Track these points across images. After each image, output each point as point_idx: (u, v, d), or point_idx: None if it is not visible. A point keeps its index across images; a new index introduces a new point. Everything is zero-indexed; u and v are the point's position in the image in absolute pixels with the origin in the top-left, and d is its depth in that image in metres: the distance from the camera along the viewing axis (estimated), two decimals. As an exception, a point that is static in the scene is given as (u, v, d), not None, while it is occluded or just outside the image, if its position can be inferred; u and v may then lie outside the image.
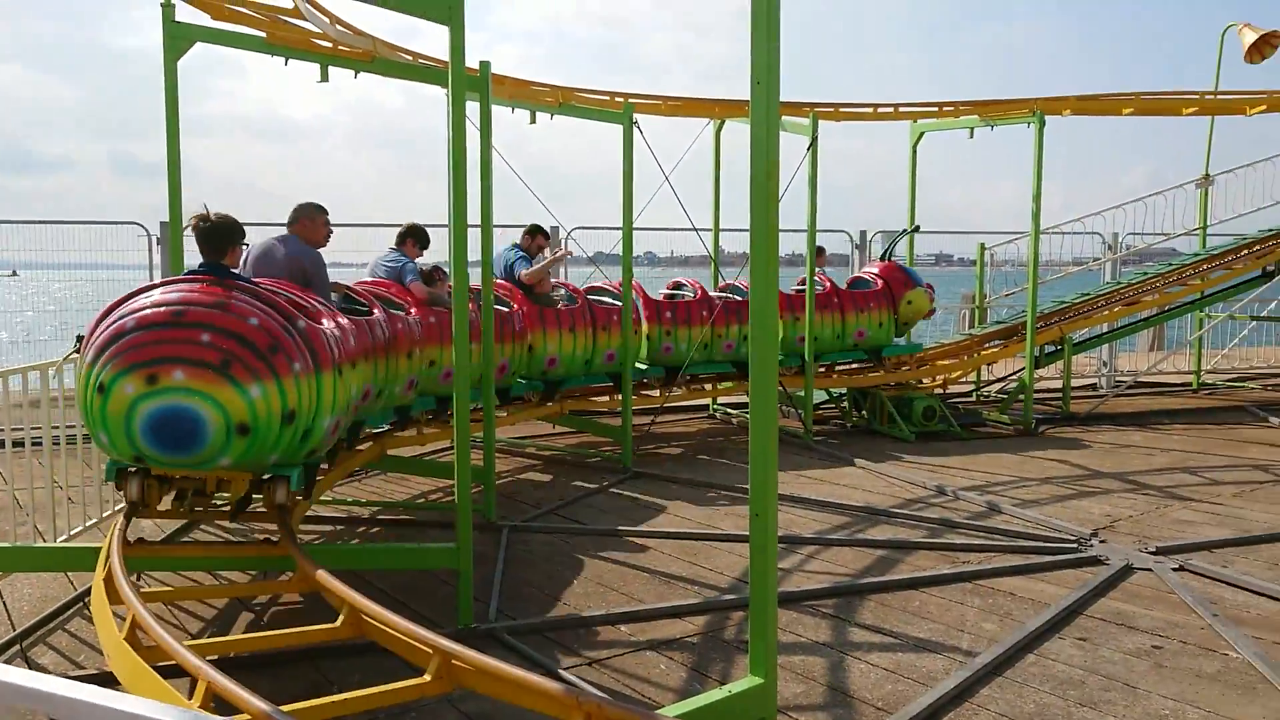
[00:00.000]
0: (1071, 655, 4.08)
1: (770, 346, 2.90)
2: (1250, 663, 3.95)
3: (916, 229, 10.29)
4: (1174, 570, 5.13)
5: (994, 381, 11.70)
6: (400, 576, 5.02)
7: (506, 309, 7.21)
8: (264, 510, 4.38)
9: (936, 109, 10.10)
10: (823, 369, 9.58)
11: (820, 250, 10.41)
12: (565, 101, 8.17)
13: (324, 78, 6.26)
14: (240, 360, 3.78)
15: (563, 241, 10.39)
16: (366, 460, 6.31)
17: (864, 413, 9.71)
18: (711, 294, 8.91)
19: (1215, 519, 6.20)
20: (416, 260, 6.68)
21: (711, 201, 10.30)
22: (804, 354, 9.03)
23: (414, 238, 6.81)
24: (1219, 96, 10.37)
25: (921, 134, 10.64)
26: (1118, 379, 12.23)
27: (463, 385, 4.37)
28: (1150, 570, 5.14)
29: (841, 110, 9.65)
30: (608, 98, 8.57)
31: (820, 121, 8.67)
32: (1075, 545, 5.58)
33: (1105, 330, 11.12)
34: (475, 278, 5.86)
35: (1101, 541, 5.65)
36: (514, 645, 4.15)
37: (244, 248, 4.70)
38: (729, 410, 10.14)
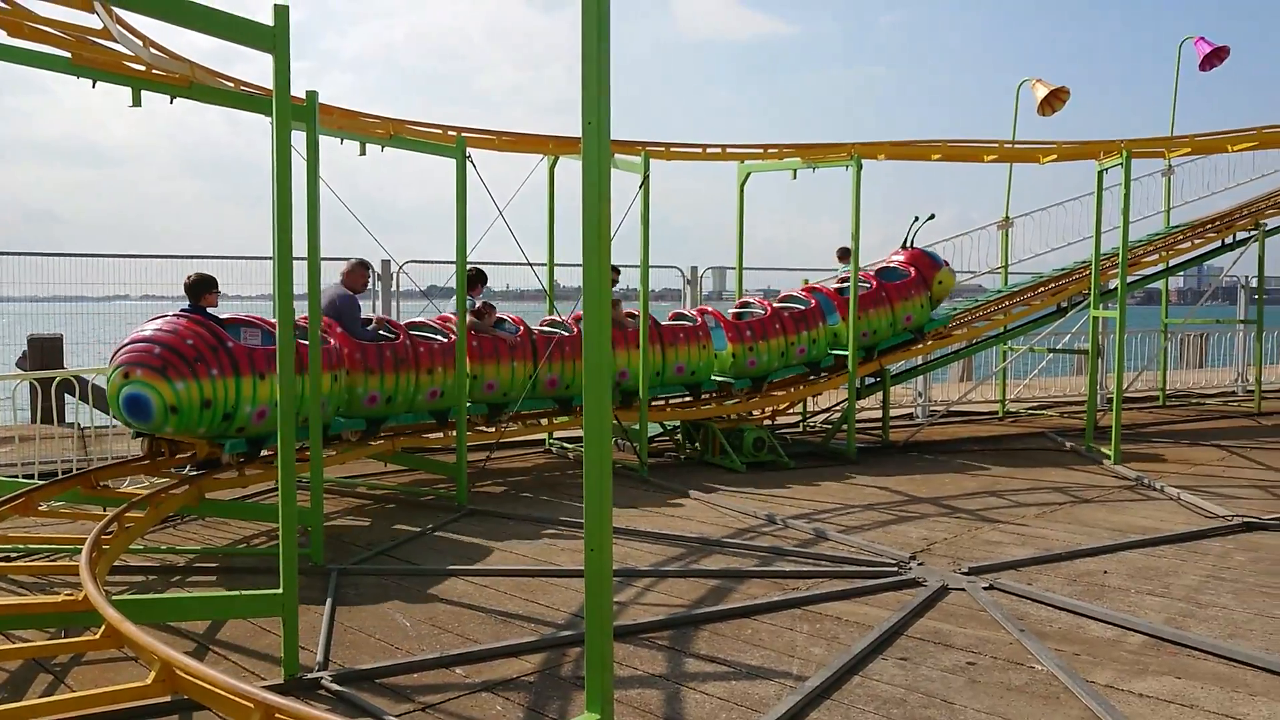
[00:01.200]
0: (894, 675, 4.25)
1: (604, 381, 2.93)
2: (1054, 674, 4.23)
3: (931, 217, 11.09)
4: (985, 589, 5.44)
5: (819, 412, 12.16)
6: (221, 628, 4.76)
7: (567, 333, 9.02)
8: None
9: (762, 150, 10.50)
10: (658, 402, 9.72)
11: (846, 251, 10.96)
12: (396, 134, 8.05)
13: (136, 102, 5.95)
14: (174, 366, 5.93)
15: (395, 274, 10.25)
16: (183, 504, 5.97)
17: (696, 445, 9.90)
18: (778, 306, 10.12)
19: (1020, 539, 6.62)
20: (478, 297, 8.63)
21: (546, 236, 10.34)
22: (860, 348, 10.15)
23: (480, 281, 8.74)
24: (1016, 145, 11.21)
25: (748, 174, 11.02)
26: (932, 409, 12.93)
27: (287, 417, 4.21)
28: (964, 590, 5.44)
29: (672, 150, 9.89)
30: (440, 131, 8.50)
31: (652, 160, 8.85)
32: (895, 568, 5.84)
33: (920, 362, 11.75)
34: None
35: (919, 564, 5.94)
36: (343, 694, 3.99)
37: (217, 294, 6.54)
38: (565, 445, 10.14)
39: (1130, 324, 10.87)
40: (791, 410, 11.46)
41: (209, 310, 6.41)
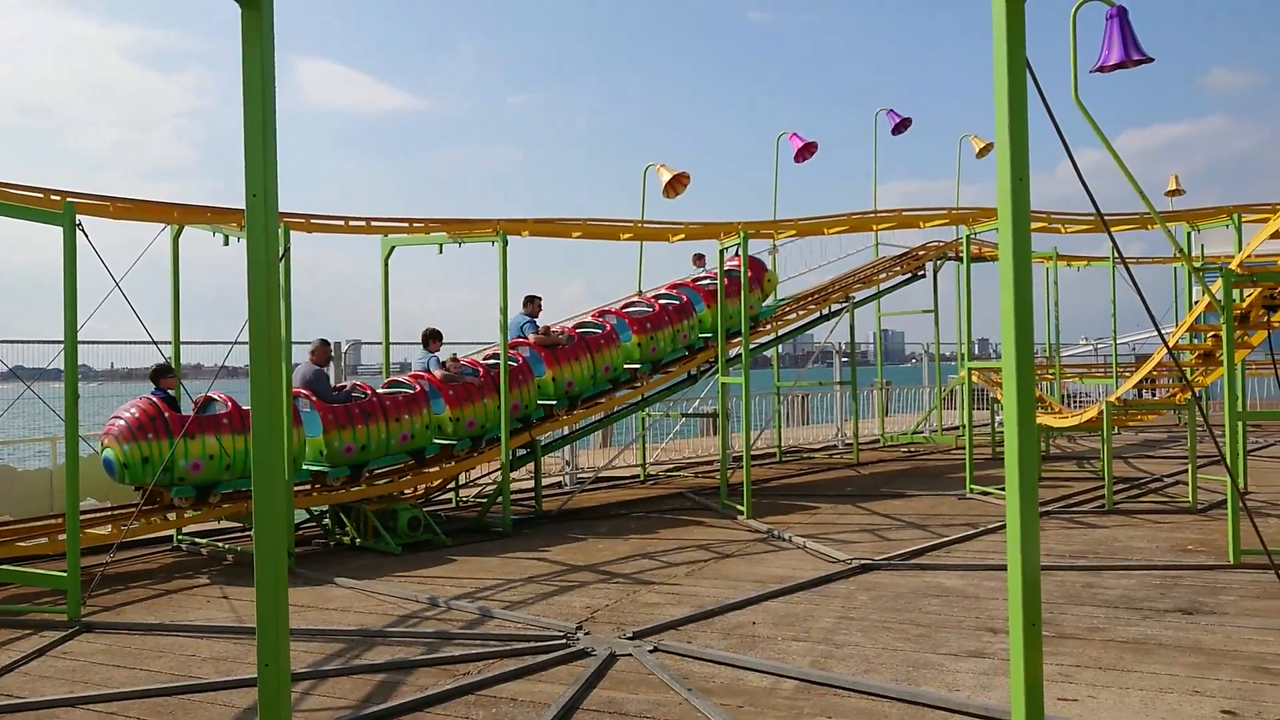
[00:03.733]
0: (576, 752, 4.21)
1: (277, 465, 2.67)
2: (723, 728, 4.40)
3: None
4: (650, 652, 5.58)
5: (470, 484, 12.06)
6: None
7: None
8: None
9: (407, 224, 10.36)
10: (303, 486, 9.14)
11: (701, 256, 13.10)
12: (-16, 196, 7.02)
13: None
14: (126, 434, 8.11)
15: None
16: None
17: (347, 529, 9.39)
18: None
19: (676, 599, 6.91)
20: (438, 352, 10.32)
21: (171, 311, 9.43)
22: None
23: (435, 339, 10.37)
24: (648, 224, 11.97)
25: (392, 248, 10.83)
26: (579, 476, 13.27)
27: None
28: (631, 655, 5.55)
29: (313, 221, 9.48)
30: (42, 195, 7.52)
31: (291, 232, 8.42)
32: (564, 640, 5.85)
33: (566, 432, 12.05)
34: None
35: (586, 633, 6.00)
36: None
37: (173, 377, 8.67)
38: (196, 540, 9.20)
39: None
40: (446, 487, 11.24)
41: (166, 390, 8.51)
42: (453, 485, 11.46)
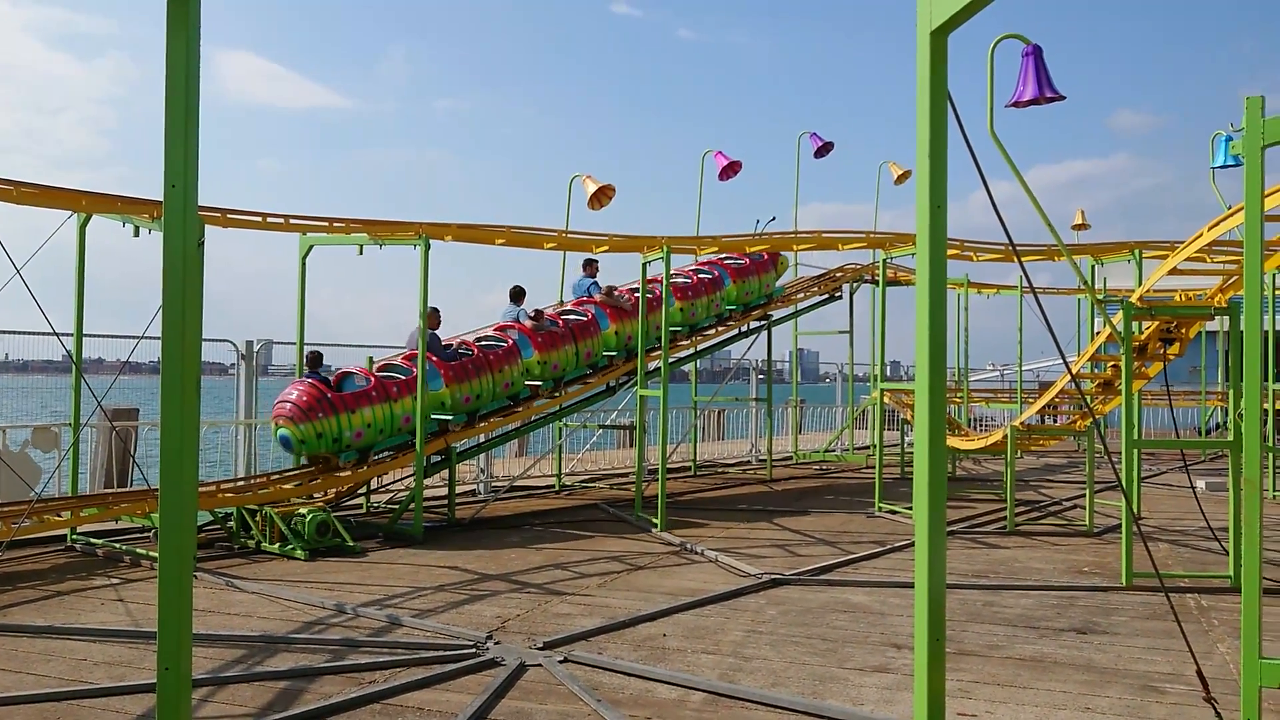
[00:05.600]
0: (483, 762, 4.18)
1: (187, 461, 2.60)
2: (631, 740, 4.41)
3: (773, 219, 14.55)
4: (560, 663, 5.57)
5: (382, 490, 11.88)
6: None
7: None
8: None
9: (327, 224, 10.19)
10: (207, 487, 8.90)
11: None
12: (-123, 174, 6.68)
13: None
14: (298, 413, 9.45)
15: None
16: None
17: (253, 533, 9.16)
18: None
19: (588, 609, 6.90)
20: (522, 307, 11.69)
21: (74, 303, 9.08)
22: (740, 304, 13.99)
23: (522, 295, 11.73)
24: (573, 235, 11.96)
25: (311, 247, 10.63)
26: (494, 484, 13.17)
27: None
28: (541, 665, 5.52)
29: (229, 216, 9.25)
30: (-60, 175, 7.20)
31: (206, 226, 8.20)
32: (474, 650, 5.80)
33: (483, 440, 11.95)
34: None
35: (496, 643, 5.95)
36: None
37: (322, 364, 10.33)
38: (91, 540, 8.87)
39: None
40: (358, 491, 11.05)
41: (320, 373, 10.01)
42: (364, 490, 11.27)
